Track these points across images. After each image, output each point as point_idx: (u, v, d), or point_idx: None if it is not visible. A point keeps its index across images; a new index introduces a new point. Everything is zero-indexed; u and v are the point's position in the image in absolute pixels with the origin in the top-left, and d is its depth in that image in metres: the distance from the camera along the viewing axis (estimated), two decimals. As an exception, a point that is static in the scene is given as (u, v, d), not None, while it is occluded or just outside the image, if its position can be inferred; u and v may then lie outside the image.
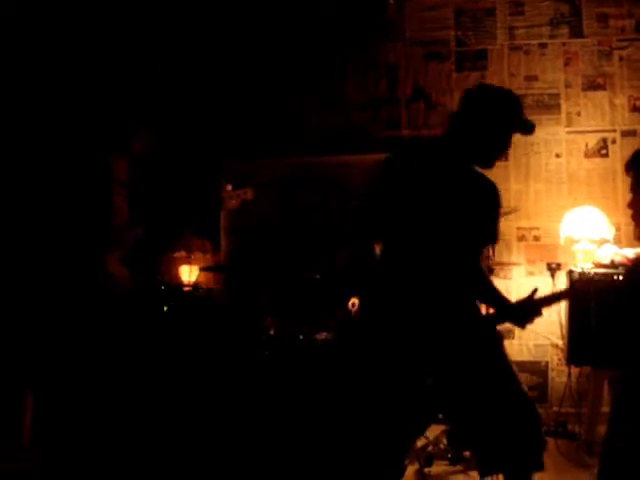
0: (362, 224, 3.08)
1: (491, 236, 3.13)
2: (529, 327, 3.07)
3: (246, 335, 4.51)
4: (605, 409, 5.03)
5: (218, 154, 5.76)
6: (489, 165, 3.05)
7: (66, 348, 3.97)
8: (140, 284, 4.37)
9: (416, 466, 4.23)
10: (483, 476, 2.94)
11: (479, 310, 3.09)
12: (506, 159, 5.60)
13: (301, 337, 4.35)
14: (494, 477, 2.94)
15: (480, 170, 3.06)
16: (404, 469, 3.96)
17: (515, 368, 3.10)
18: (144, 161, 4.48)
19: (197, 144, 5.80)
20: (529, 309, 3.02)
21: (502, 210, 3.15)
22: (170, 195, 5.15)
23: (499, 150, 3.03)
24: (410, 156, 3.03)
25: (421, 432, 3.28)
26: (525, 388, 3.13)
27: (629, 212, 3.37)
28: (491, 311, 3.16)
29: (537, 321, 5.31)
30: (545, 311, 5.25)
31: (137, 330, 4.17)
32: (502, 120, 2.94)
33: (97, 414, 4.00)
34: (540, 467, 2.88)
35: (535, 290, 3.04)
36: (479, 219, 3.01)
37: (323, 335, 4.38)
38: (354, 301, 4.46)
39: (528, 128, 3.02)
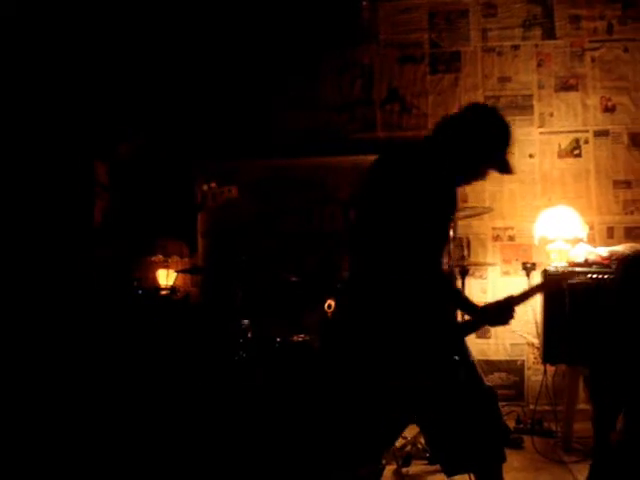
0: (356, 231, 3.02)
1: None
2: (506, 326, 3.07)
3: (223, 337, 4.51)
4: (581, 406, 5.09)
5: (195, 156, 5.74)
6: (457, 184, 3.02)
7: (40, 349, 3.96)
8: (116, 288, 4.35)
9: (394, 466, 4.25)
10: (450, 476, 2.96)
11: (447, 312, 3.08)
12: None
13: (278, 339, 4.35)
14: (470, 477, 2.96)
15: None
16: (382, 469, 4.00)
17: (477, 362, 3.10)
18: (126, 165, 4.47)
19: (175, 146, 5.78)
20: (504, 310, 3.02)
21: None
22: (147, 198, 5.14)
23: (471, 176, 2.98)
24: (399, 159, 2.93)
25: (396, 434, 3.27)
26: (486, 382, 3.14)
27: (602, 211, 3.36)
28: (466, 318, 3.13)
29: (513, 320, 5.41)
30: (521, 310, 5.35)
31: (114, 333, 4.16)
32: (489, 147, 2.89)
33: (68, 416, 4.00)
34: (502, 459, 2.90)
35: (510, 299, 3.03)
36: (448, 223, 3.02)
37: (300, 337, 4.38)
38: (330, 303, 4.47)
39: (506, 169, 2.95)
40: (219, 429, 4.11)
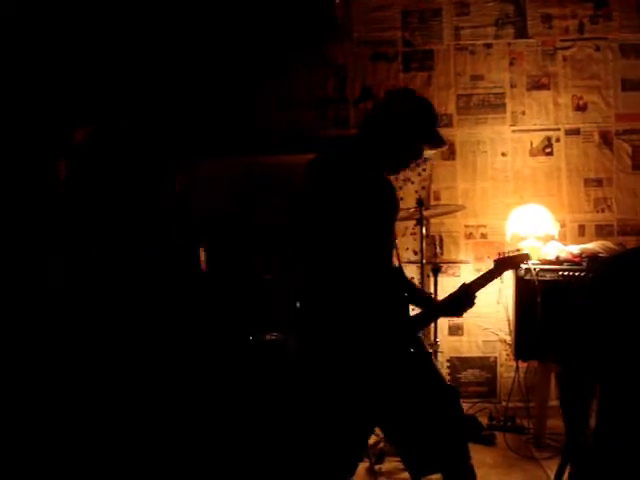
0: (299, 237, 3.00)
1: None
2: (477, 322, 3.09)
3: (195, 335, 4.48)
4: (553, 403, 5.12)
5: (170, 154, 5.70)
6: (395, 171, 3.05)
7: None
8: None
9: (367, 463, 4.25)
10: (417, 479, 2.97)
11: (406, 313, 3.08)
12: (453, 158, 5.67)
13: (251, 337, 4.34)
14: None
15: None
16: (355, 466, 3.99)
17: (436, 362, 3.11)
18: (87, 160, 4.42)
19: (148, 143, 5.73)
20: (462, 298, 3.05)
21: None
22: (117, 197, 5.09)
23: (407, 157, 3.00)
24: (331, 161, 2.92)
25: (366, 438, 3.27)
26: (445, 379, 3.15)
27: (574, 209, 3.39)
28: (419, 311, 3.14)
29: (485, 318, 5.45)
30: (493, 308, 5.40)
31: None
32: (416, 126, 2.92)
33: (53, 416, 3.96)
34: (467, 458, 2.91)
35: (463, 285, 3.12)
36: (390, 220, 3.02)
37: (272, 335, 4.37)
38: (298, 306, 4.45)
39: (437, 142, 3.00)
40: (189, 427, 4.09)
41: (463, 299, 3.09)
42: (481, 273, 3.32)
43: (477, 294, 3.15)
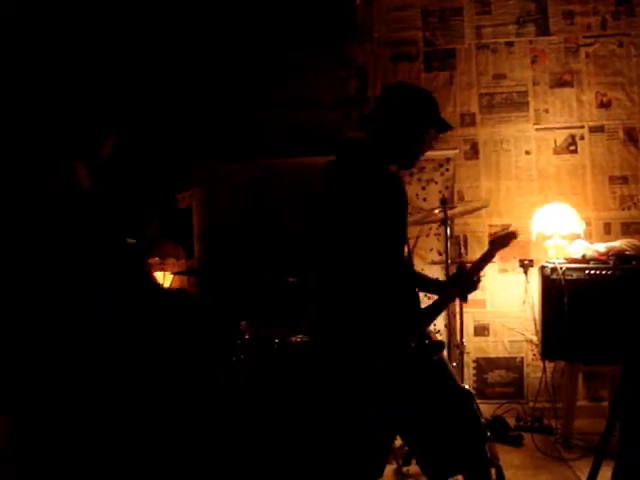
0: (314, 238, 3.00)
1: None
2: (503, 323, 3.08)
3: (221, 339, 4.49)
4: (581, 403, 5.10)
5: (187, 158, 5.72)
6: (410, 165, 3.07)
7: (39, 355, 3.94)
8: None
9: (394, 465, 4.24)
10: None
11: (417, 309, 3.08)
12: (476, 157, 5.64)
13: (276, 340, 4.34)
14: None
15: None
16: (383, 469, 3.99)
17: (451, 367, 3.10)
18: (109, 167, 4.44)
19: (165, 148, 5.75)
20: (466, 281, 3.06)
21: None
22: (138, 201, 5.11)
23: (417, 147, 3.01)
24: (343, 165, 2.96)
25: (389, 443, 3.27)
26: (461, 384, 3.15)
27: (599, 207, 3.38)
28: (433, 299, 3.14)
29: (511, 318, 5.41)
30: (519, 307, 5.37)
31: (112, 334, 4.14)
32: (416, 115, 2.94)
33: (65, 417, 3.98)
34: (485, 459, 2.91)
35: (461, 266, 3.17)
36: (401, 219, 3.02)
37: (298, 338, 4.37)
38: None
39: (443, 125, 3.03)
40: (217, 431, 4.10)
41: (463, 279, 3.09)
42: (480, 256, 3.33)
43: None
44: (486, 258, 3.27)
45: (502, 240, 3.37)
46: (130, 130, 5.25)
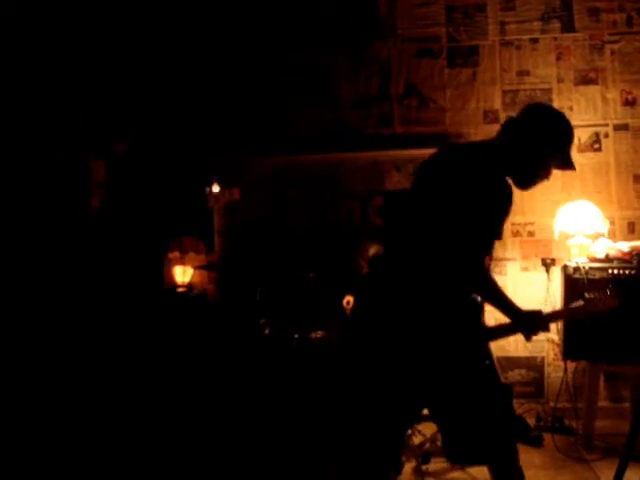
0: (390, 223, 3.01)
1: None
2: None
3: (240, 335, 4.50)
4: (602, 404, 5.05)
5: (207, 154, 5.72)
6: (522, 186, 3.00)
7: (60, 347, 3.97)
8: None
9: (414, 463, 4.23)
10: (455, 463, 2.97)
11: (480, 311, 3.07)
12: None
13: (296, 336, 4.34)
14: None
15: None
16: (402, 466, 3.99)
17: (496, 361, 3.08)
18: (126, 162, 4.46)
19: (184, 143, 5.75)
20: (539, 322, 2.99)
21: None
22: (159, 196, 5.12)
23: (539, 175, 2.97)
24: (464, 158, 2.95)
25: (409, 425, 3.28)
26: (501, 379, 3.14)
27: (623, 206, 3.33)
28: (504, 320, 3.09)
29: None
30: (540, 307, 5.32)
31: (130, 331, 4.16)
32: (553, 144, 2.92)
33: (91, 413, 4.01)
34: (515, 454, 2.89)
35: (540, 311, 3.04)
36: (496, 224, 2.99)
37: (318, 334, 4.36)
38: (349, 299, 4.45)
39: (568, 164, 2.99)
40: (237, 426, 4.11)
41: (536, 321, 3.00)
42: (563, 307, 3.24)
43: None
44: (568, 315, 3.20)
45: (595, 305, 3.25)
46: (150, 125, 5.26)
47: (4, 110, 4.83)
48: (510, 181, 2.94)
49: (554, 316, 3.16)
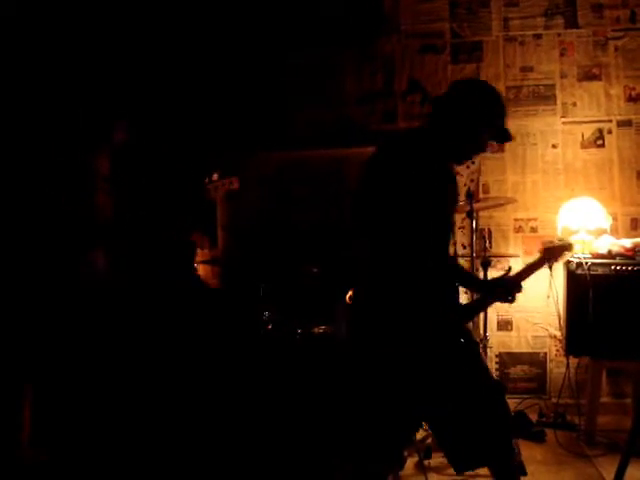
0: (357, 223, 3.01)
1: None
2: (527, 318, 3.08)
3: (244, 329, 4.51)
4: (604, 399, 5.06)
5: (212, 148, 5.73)
6: (459, 161, 3.07)
7: (65, 343, 3.96)
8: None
9: (416, 458, 4.24)
10: (460, 472, 2.98)
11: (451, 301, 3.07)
12: (502, 151, 5.60)
13: (299, 331, 4.34)
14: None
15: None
16: (404, 461, 4.00)
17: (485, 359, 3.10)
18: (128, 155, 4.45)
19: (190, 137, 5.76)
20: (511, 284, 3.05)
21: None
22: (161, 190, 5.12)
23: (472, 149, 2.99)
24: (395, 150, 2.95)
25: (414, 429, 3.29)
26: (493, 377, 3.15)
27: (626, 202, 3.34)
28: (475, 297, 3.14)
29: (535, 313, 5.38)
30: (543, 302, 5.34)
31: (134, 324, 4.16)
32: (482, 116, 2.92)
33: (96, 410, 4.01)
34: (512, 453, 2.93)
35: (509, 269, 3.21)
36: (450, 212, 3.01)
37: (321, 329, 4.37)
38: (352, 294, 4.45)
39: (504, 135, 3.01)
40: (241, 422, 4.11)
41: (507, 284, 3.07)
42: (527, 264, 3.31)
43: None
44: (535, 267, 3.25)
45: (555, 251, 3.32)
46: (151, 122, 5.25)
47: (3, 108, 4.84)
48: (450, 163, 2.99)
49: (521, 275, 3.17)
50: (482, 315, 4.82)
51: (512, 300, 3.11)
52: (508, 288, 3.09)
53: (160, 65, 5.68)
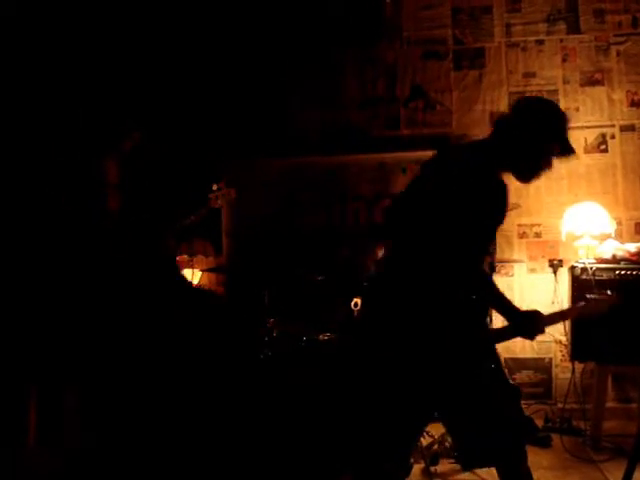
0: (388, 224, 3.02)
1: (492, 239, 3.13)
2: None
3: (249, 336, 4.51)
4: (610, 404, 5.05)
5: (216, 155, 5.73)
6: (526, 179, 3.02)
7: (69, 344, 3.98)
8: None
9: (422, 465, 4.23)
10: (467, 469, 2.98)
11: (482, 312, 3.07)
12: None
13: (304, 338, 4.34)
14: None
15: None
16: (410, 467, 4.00)
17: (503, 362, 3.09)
18: (136, 162, 4.47)
19: (193, 144, 5.76)
20: (538, 324, 2.98)
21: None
22: (168, 197, 5.14)
23: (537, 165, 2.97)
24: (445, 158, 2.99)
25: (421, 429, 3.29)
26: (509, 380, 3.14)
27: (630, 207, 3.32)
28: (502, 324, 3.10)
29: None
30: (549, 308, 5.32)
31: (139, 329, 4.17)
32: (546, 133, 2.92)
33: (96, 410, 4.02)
34: (524, 456, 2.91)
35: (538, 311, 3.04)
36: (491, 224, 2.99)
37: (326, 336, 4.37)
38: (357, 301, 4.46)
39: (568, 150, 2.97)
40: (242, 427, 4.11)
41: (534, 324, 3.00)
42: (559, 310, 3.25)
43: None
44: (566, 317, 3.20)
45: (595, 306, 3.25)
46: (156, 126, 5.26)
47: (8, 110, 4.86)
48: (506, 179, 2.95)
49: (554, 318, 3.14)
50: (487, 320, 4.81)
51: (532, 339, 3.07)
52: (535, 327, 3.00)
53: (165, 73, 5.69)
